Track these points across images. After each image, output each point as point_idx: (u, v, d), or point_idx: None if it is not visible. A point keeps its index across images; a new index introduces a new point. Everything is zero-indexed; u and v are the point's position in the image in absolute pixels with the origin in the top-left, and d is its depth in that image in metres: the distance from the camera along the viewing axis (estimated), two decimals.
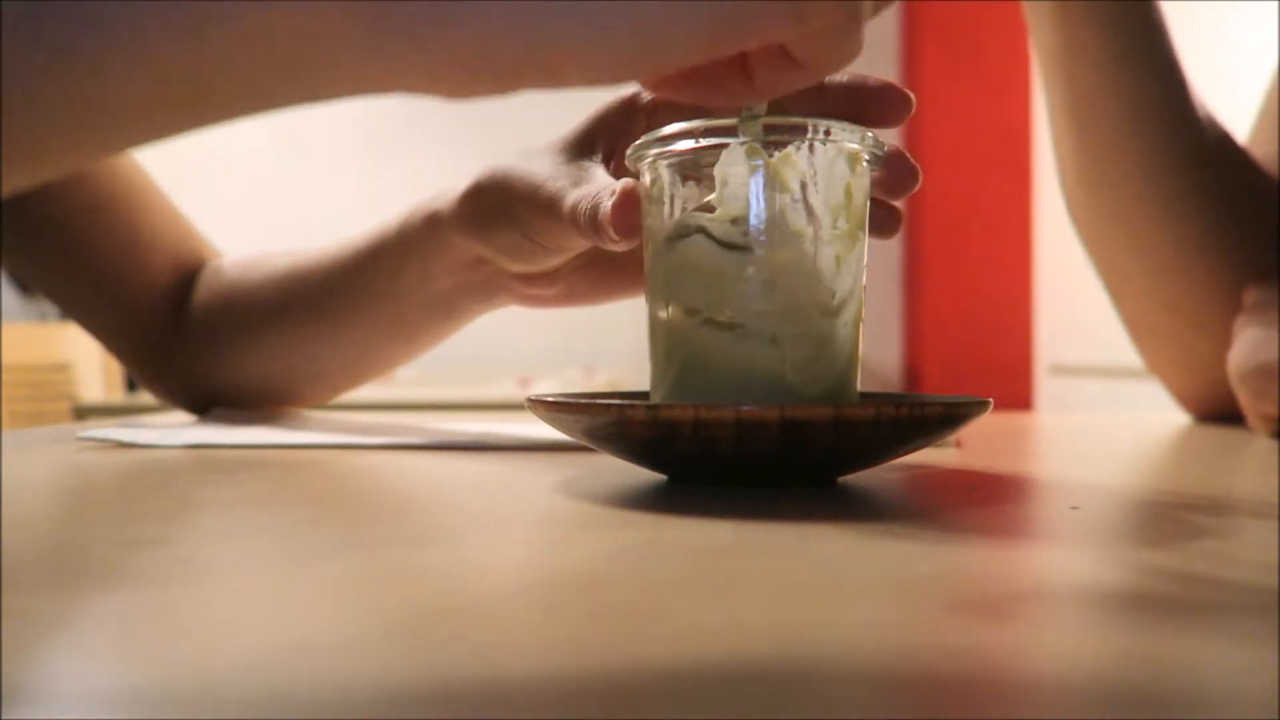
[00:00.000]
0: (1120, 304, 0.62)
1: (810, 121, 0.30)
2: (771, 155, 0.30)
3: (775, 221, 0.30)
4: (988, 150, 2.91)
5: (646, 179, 0.32)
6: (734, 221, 0.30)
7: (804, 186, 0.30)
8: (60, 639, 0.16)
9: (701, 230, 0.30)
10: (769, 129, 0.30)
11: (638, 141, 0.32)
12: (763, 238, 0.30)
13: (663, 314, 0.31)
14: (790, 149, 0.30)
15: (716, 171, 0.30)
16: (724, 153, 0.30)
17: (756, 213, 0.30)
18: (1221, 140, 0.57)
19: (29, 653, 0.15)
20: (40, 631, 0.16)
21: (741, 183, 0.30)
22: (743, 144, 0.29)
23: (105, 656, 0.16)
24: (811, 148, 0.30)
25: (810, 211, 0.30)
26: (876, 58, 3.21)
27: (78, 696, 0.14)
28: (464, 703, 0.13)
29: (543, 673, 0.14)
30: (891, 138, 0.33)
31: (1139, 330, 0.62)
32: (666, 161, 0.31)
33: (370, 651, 0.15)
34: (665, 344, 0.31)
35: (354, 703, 0.13)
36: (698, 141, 0.30)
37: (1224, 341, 0.57)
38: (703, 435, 0.27)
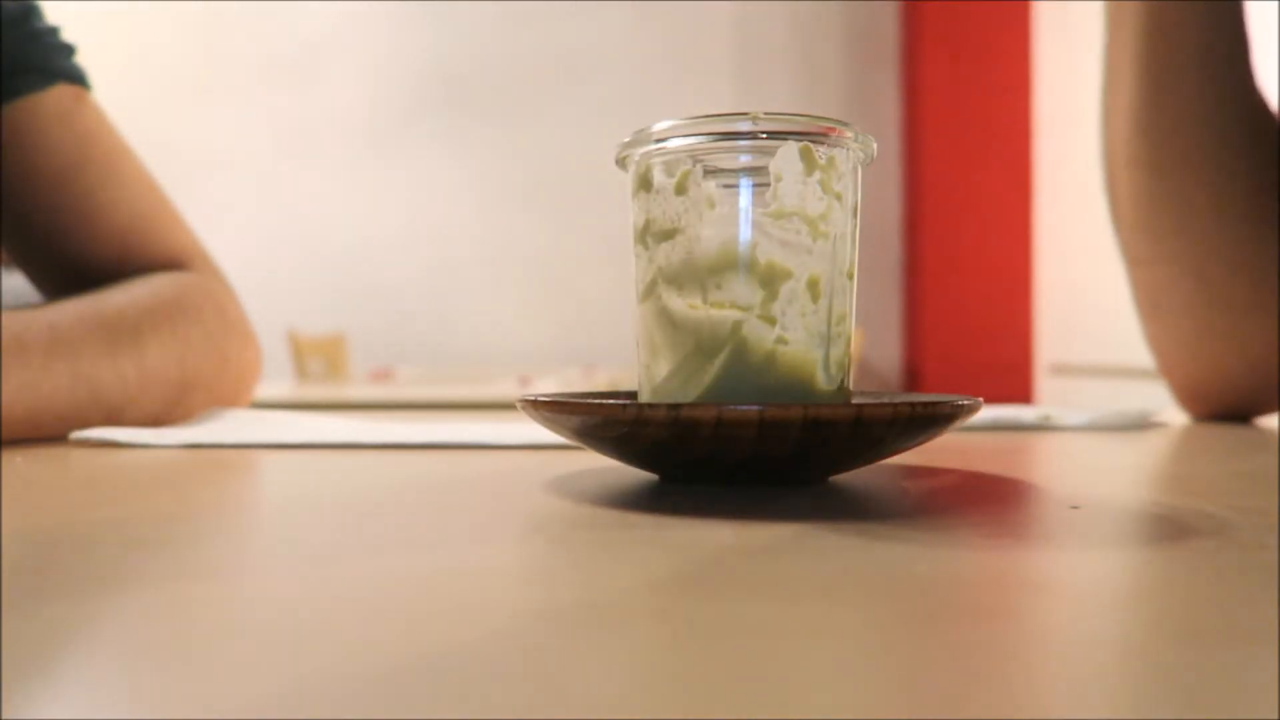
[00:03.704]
0: (1143, 274, 0.60)
1: (847, 126, 0.31)
2: (820, 157, 0.30)
3: (825, 222, 0.31)
4: (988, 150, 2.91)
5: (639, 175, 0.32)
6: (787, 219, 0.30)
7: (843, 188, 0.31)
8: (60, 639, 0.16)
9: (755, 225, 0.30)
10: (807, 131, 0.30)
11: (626, 140, 0.32)
12: (814, 238, 0.31)
13: (695, 308, 0.31)
14: (835, 152, 0.30)
15: (771, 168, 0.30)
16: (779, 150, 0.30)
17: (810, 212, 0.30)
18: (1269, 111, 0.57)
19: (29, 653, 0.15)
20: (40, 631, 0.16)
21: (796, 181, 0.30)
22: (799, 143, 0.30)
23: (105, 656, 0.15)
24: (845, 151, 0.31)
25: (845, 213, 0.31)
26: (877, 57, 3.21)
27: (78, 696, 0.14)
28: (462, 702, 0.13)
29: (541, 673, 0.14)
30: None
31: (1156, 307, 0.61)
32: (661, 158, 0.31)
33: (368, 651, 0.15)
34: (701, 340, 0.31)
35: (352, 702, 0.13)
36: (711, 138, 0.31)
37: (1243, 320, 0.57)
38: (723, 435, 0.27)
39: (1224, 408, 0.60)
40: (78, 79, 0.58)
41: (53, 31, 0.58)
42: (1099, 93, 0.61)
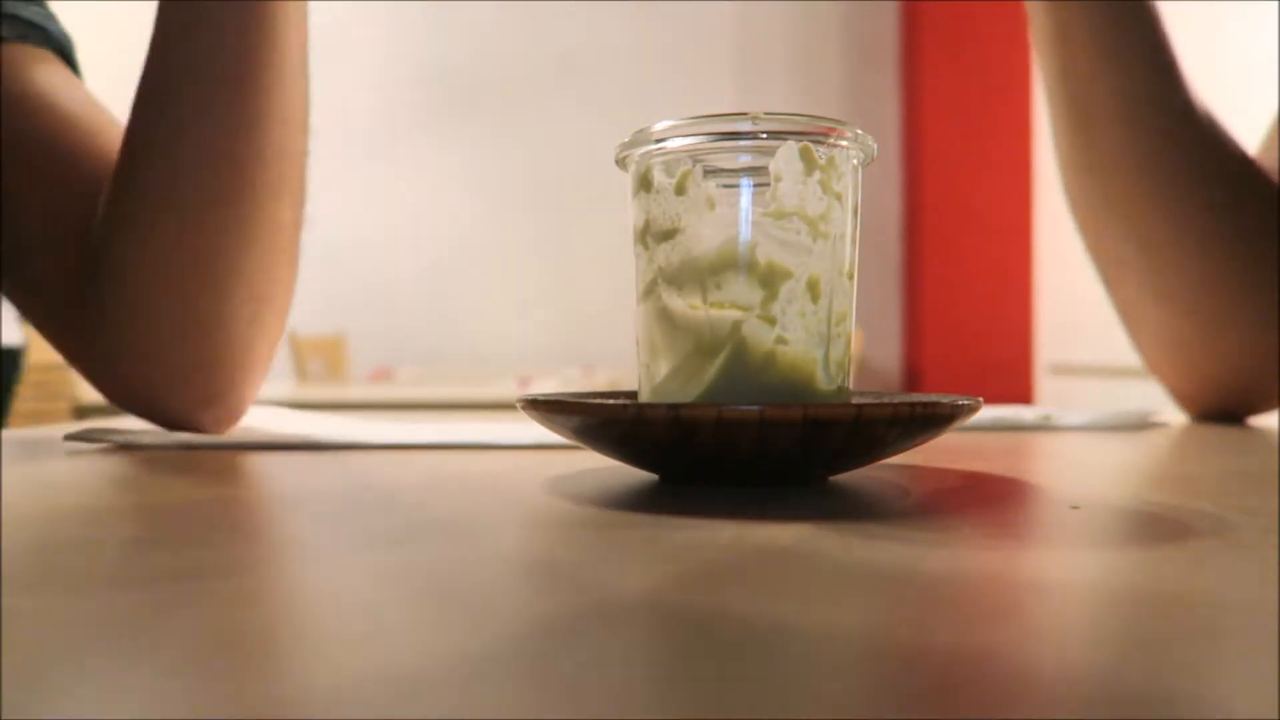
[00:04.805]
0: (1115, 294, 0.61)
1: (847, 126, 0.31)
2: (820, 157, 0.30)
3: (825, 222, 0.31)
4: (988, 150, 2.91)
5: (639, 175, 0.32)
6: (787, 219, 0.30)
7: (843, 188, 0.31)
8: (60, 639, 0.16)
9: (755, 225, 0.30)
10: (806, 130, 0.30)
11: (626, 140, 0.32)
12: (815, 238, 0.31)
13: (695, 308, 0.31)
14: (836, 152, 0.30)
15: (771, 168, 0.30)
16: (779, 150, 0.30)
17: (810, 212, 0.30)
18: (1214, 127, 0.56)
19: (29, 653, 0.15)
20: (40, 631, 0.16)
21: (796, 181, 0.30)
22: (799, 143, 0.30)
23: (104, 656, 0.15)
24: (845, 151, 0.31)
25: (845, 213, 0.31)
26: (877, 58, 3.21)
27: (78, 697, 0.14)
28: (461, 702, 0.13)
29: (541, 673, 0.14)
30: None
31: (1133, 322, 0.61)
32: (661, 158, 0.31)
33: (367, 651, 0.15)
34: (701, 340, 0.31)
35: (350, 702, 0.13)
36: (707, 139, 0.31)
37: (1219, 332, 0.57)
38: (723, 435, 0.27)
39: (1216, 409, 0.60)
40: (48, 43, 0.52)
41: None
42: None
